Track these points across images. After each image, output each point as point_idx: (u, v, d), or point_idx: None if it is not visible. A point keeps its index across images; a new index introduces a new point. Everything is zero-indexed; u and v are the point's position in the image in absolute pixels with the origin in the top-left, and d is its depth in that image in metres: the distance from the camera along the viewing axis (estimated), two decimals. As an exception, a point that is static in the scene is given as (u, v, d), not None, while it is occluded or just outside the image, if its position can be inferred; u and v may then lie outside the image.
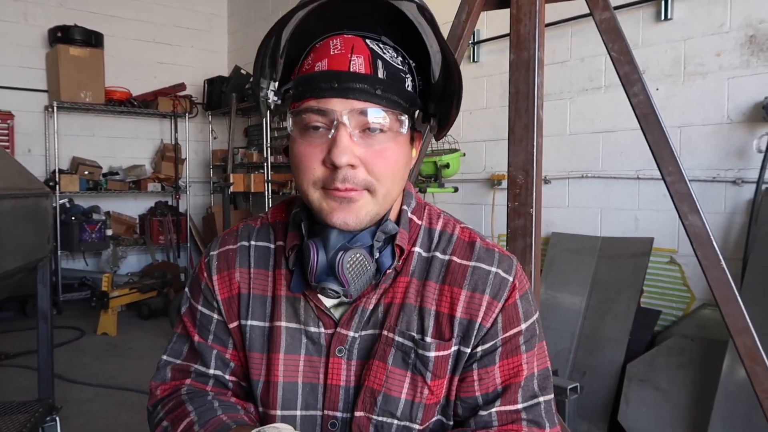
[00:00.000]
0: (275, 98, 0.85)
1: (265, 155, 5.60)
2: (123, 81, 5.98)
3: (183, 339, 0.96)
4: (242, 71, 5.84)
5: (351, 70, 0.76)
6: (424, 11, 0.76)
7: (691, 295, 2.98)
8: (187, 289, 0.98)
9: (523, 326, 0.87)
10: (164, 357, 0.97)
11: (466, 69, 3.87)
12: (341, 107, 0.76)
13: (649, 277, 3.07)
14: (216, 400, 0.89)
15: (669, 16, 3.02)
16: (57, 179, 5.44)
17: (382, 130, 0.78)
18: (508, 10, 1.63)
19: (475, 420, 0.87)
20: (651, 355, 2.82)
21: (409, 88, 0.82)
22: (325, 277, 0.80)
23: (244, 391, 0.96)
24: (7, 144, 5.31)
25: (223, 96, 6.11)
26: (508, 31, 1.60)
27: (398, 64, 0.81)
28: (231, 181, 5.48)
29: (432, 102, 0.87)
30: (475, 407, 0.88)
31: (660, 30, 3.08)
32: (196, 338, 0.94)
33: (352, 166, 0.77)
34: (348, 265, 0.78)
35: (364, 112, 0.77)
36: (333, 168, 0.77)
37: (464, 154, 3.90)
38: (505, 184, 3.78)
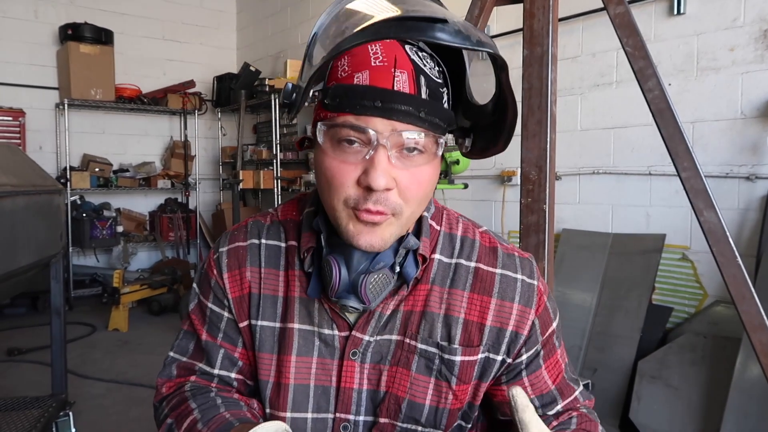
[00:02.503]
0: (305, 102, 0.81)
1: (274, 152, 5.61)
2: (133, 78, 6.01)
3: (189, 336, 0.95)
4: (251, 68, 5.85)
5: (395, 88, 0.72)
6: (496, 59, 0.75)
7: (704, 291, 2.96)
8: (195, 286, 0.96)
9: (555, 324, 0.93)
10: (171, 354, 0.96)
11: (475, 65, 3.85)
12: (383, 128, 0.72)
13: (660, 274, 3.05)
14: (219, 397, 0.88)
15: (681, 11, 2.99)
16: (68, 176, 5.48)
17: (420, 151, 0.75)
18: (519, 5, 1.62)
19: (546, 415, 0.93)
20: (663, 353, 2.80)
21: (446, 105, 0.78)
22: (346, 295, 0.79)
23: (249, 390, 0.95)
24: (18, 141, 5.35)
25: (232, 93, 6.12)
26: (518, 27, 1.59)
27: (436, 77, 0.76)
28: (240, 177, 5.49)
29: (461, 112, 0.84)
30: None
31: (672, 24, 3.05)
32: (204, 336, 0.93)
33: (387, 189, 0.74)
34: (371, 287, 0.78)
35: (405, 134, 0.73)
36: (367, 189, 0.74)
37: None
38: (515, 180, 3.76)
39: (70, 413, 2.46)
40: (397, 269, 0.82)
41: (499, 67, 0.76)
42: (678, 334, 2.88)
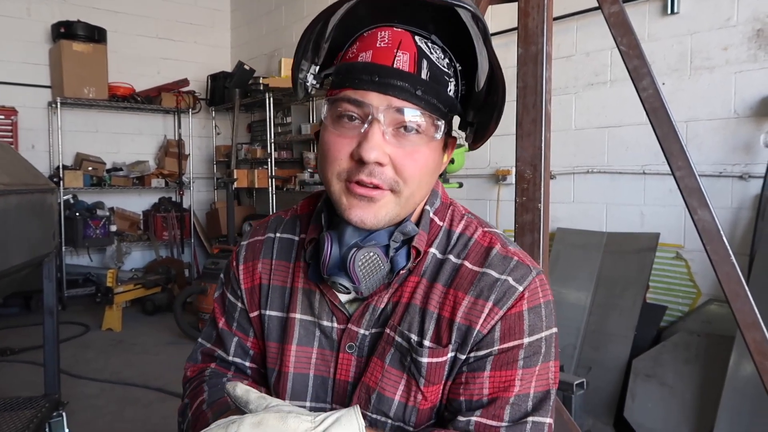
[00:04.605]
0: (314, 81, 0.84)
1: (268, 151, 5.60)
2: (126, 77, 5.98)
3: (213, 324, 1.00)
4: (245, 66, 5.83)
5: (395, 66, 0.75)
6: (478, 20, 0.75)
7: (697, 290, 2.97)
8: (221, 276, 1.02)
9: (526, 340, 0.80)
10: (199, 339, 1.02)
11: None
12: (378, 102, 0.75)
13: (654, 273, 3.06)
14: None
15: (675, 10, 3.00)
16: (61, 175, 5.44)
17: (416, 131, 0.77)
18: (514, 4, 1.62)
19: (453, 424, 0.81)
20: (657, 351, 2.81)
21: (451, 93, 0.79)
22: (337, 272, 0.80)
23: (264, 378, 0.98)
24: (11, 140, 5.32)
25: (226, 91, 6.10)
26: (513, 26, 1.59)
27: (444, 66, 0.78)
28: (234, 176, 5.47)
29: (472, 110, 0.85)
30: (457, 412, 0.82)
31: (666, 24, 3.06)
32: (221, 324, 0.98)
33: (380, 164, 0.76)
34: (360, 263, 0.78)
35: (400, 111, 0.75)
36: (360, 162, 0.76)
37: (469, 149, 3.89)
38: (509, 179, 3.77)
39: (64, 413, 2.45)
40: (392, 254, 0.82)
41: (482, 32, 0.77)
42: (672, 333, 2.89)
